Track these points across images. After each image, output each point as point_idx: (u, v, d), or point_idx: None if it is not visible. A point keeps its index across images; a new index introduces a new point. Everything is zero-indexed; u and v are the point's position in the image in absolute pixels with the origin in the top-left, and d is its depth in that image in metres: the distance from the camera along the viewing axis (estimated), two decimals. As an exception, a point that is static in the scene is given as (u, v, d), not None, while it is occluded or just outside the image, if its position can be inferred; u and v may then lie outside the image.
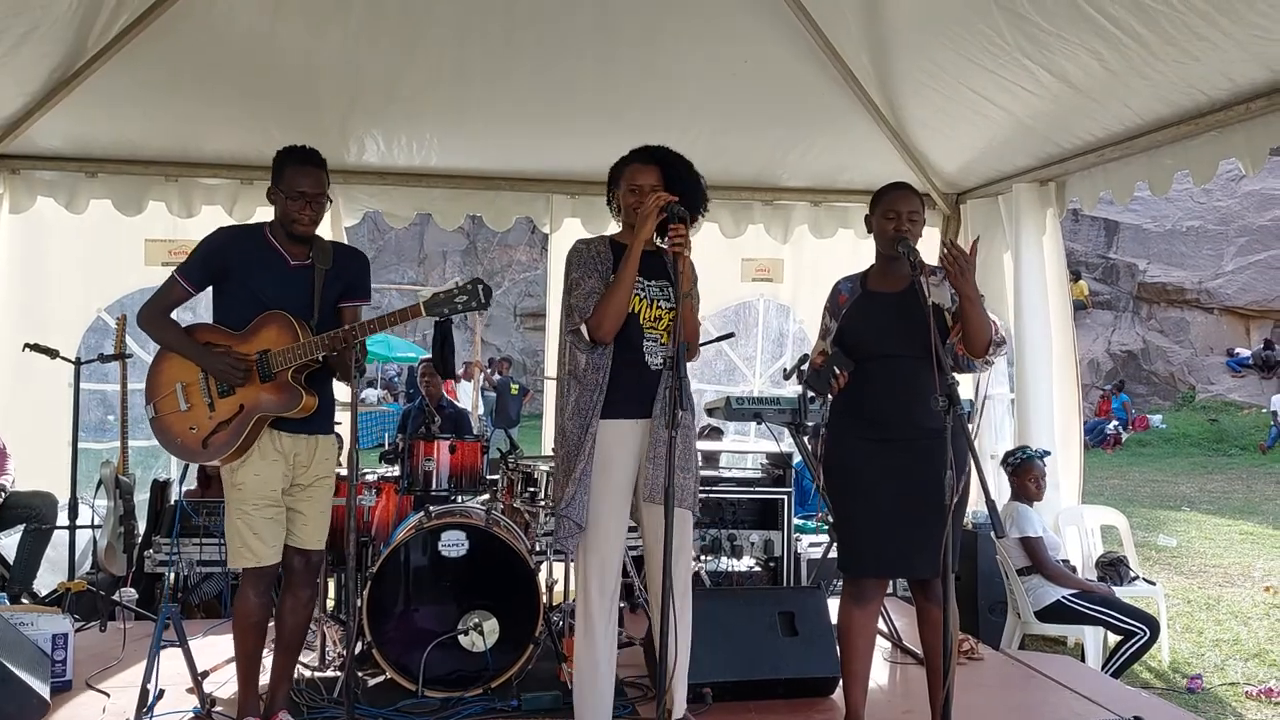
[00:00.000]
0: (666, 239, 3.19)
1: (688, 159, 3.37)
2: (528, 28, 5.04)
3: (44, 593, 5.09)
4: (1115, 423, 19.67)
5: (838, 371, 3.25)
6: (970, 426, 3.04)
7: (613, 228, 6.02)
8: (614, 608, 3.32)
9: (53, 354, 4.97)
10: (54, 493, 5.36)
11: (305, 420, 3.30)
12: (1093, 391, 20.42)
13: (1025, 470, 5.13)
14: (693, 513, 3.36)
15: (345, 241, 6.12)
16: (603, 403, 3.23)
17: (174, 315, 3.38)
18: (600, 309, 3.21)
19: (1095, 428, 19.13)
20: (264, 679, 3.49)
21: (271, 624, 3.49)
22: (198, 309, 3.75)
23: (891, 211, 3.34)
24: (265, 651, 3.49)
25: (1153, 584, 5.63)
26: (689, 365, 3.43)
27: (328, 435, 3.46)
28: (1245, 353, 21.89)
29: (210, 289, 3.38)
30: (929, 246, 6.31)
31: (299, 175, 3.27)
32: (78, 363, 5.03)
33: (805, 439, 4.86)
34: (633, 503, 3.35)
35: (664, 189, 3.24)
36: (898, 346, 3.23)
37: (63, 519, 5.10)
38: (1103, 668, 4.80)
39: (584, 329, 3.23)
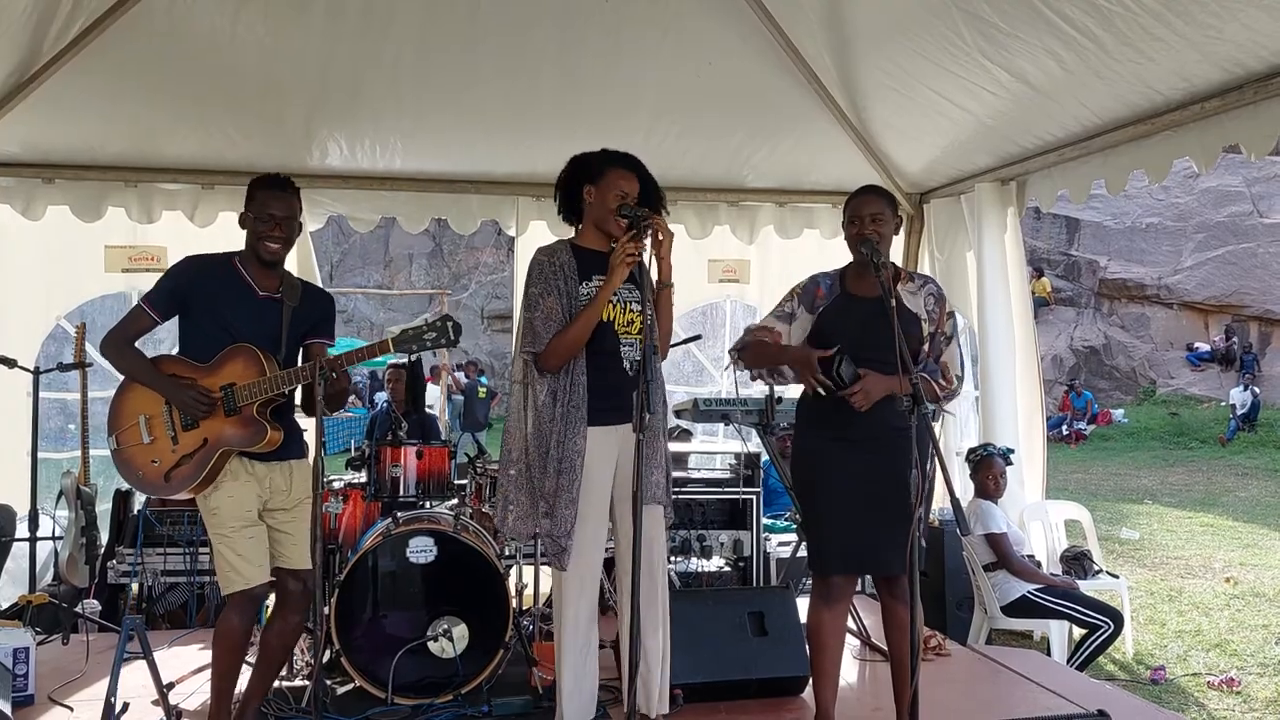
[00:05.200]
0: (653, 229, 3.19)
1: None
2: (491, 29, 5.02)
3: (4, 606, 5.01)
4: (1078, 424, 19.91)
5: (846, 380, 3.17)
6: (935, 425, 3.08)
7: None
8: (594, 612, 3.32)
9: (11, 363, 4.88)
10: (13, 504, 5.28)
11: (276, 450, 3.29)
12: (1056, 387, 20.66)
13: (985, 467, 5.18)
14: (665, 508, 3.37)
15: (311, 246, 6.10)
16: (584, 412, 3.23)
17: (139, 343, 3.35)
18: (555, 345, 3.23)
19: (1059, 423, 19.38)
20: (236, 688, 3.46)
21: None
22: (162, 337, 3.71)
23: (855, 216, 3.36)
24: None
25: (1116, 577, 5.71)
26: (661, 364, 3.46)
27: (302, 459, 3.44)
28: (1204, 347, 22.24)
29: (176, 319, 3.35)
30: (898, 247, 6.41)
31: (269, 198, 3.30)
32: (36, 371, 4.95)
33: (772, 439, 4.89)
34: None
35: (637, 198, 3.30)
36: (871, 351, 3.23)
37: (23, 530, 5.03)
38: (1068, 661, 4.86)
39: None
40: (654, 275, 3.18)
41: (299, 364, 3.33)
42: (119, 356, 3.32)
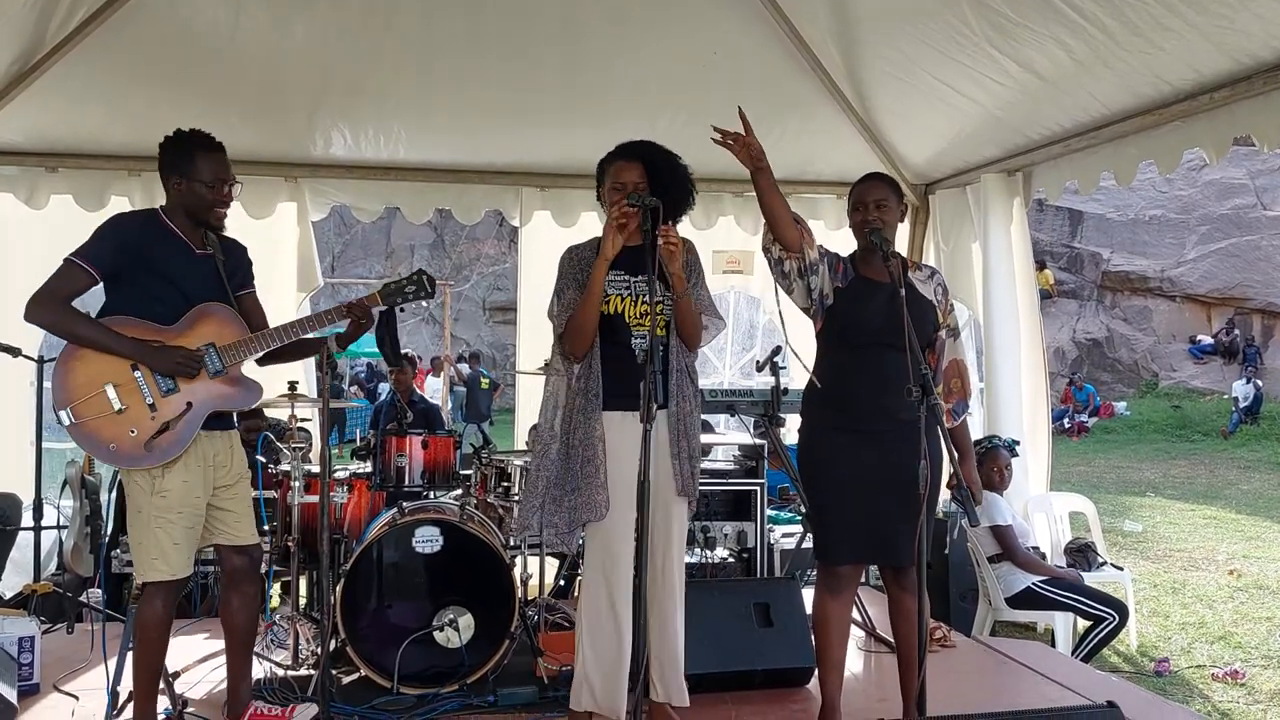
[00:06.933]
0: (659, 239, 3.13)
1: (674, 154, 3.38)
2: (494, 18, 5.01)
3: (9, 595, 5.01)
4: (1081, 416, 19.93)
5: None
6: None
7: (584, 221, 5.98)
8: (628, 599, 3.27)
9: (15, 352, 4.87)
10: (18, 493, 5.27)
11: (220, 418, 3.22)
12: (1058, 380, 20.67)
13: (990, 459, 5.18)
14: (689, 499, 3.34)
15: (313, 237, 6.08)
16: (600, 399, 3.22)
17: None
18: (568, 328, 3.25)
19: (1061, 416, 19.39)
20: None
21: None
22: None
23: (859, 203, 3.37)
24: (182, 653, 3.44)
25: (1120, 569, 5.70)
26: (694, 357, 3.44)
27: (235, 430, 3.37)
28: (1207, 340, 22.24)
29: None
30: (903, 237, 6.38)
31: (214, 163, 3.19)
32: (40, 361, 4.94)
33: (779, 430, 4.88)
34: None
35: (647, 186, 3.25)
36: (895, 337, 3.20)
37: (27, 520, 5.02)
38: (1073, 653, 4.85)
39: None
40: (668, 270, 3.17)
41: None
42: (66, 320, 3.06)
